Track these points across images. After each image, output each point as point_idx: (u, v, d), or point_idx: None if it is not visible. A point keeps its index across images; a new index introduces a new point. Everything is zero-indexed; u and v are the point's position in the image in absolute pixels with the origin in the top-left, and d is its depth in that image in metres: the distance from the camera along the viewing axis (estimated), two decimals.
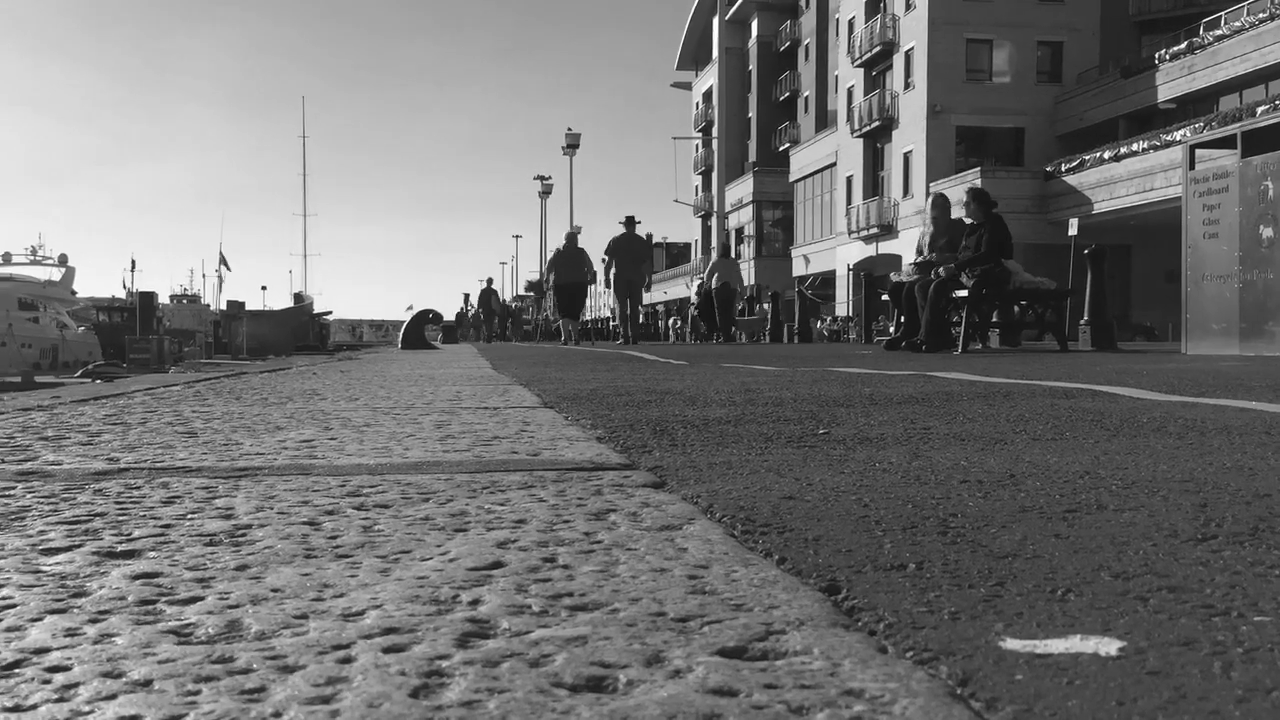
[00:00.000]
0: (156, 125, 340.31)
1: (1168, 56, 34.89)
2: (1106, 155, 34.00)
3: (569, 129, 48.98)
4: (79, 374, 23.96)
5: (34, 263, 44.14)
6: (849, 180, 48.56)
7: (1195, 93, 33.89)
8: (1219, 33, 32.85)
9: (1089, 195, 34.53)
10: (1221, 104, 33.07)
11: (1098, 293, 12.35)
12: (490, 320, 36.66)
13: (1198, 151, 10.20)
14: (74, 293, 44.38)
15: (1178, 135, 28.75)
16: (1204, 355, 9.05)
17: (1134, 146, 32.77)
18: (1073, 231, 19.36)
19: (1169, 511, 1.63)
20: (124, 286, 61.82)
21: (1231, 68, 32.09)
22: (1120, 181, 33.03)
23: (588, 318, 33.32)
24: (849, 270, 46.32)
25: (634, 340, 19.50)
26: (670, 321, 40.05)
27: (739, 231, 61.70)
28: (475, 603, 1.13)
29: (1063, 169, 36.32)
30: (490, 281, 37.12)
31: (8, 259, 43.43)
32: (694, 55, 74.72)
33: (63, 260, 44.42)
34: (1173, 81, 34.61)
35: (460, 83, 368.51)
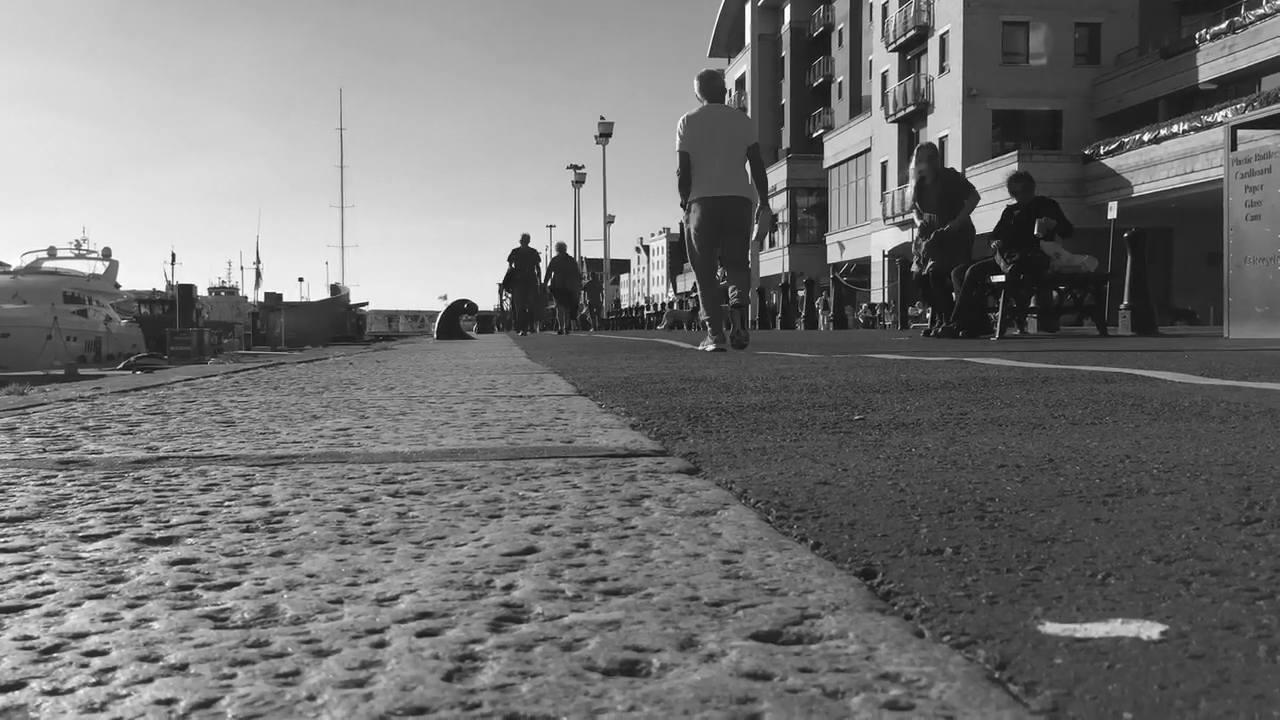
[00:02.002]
0: (194, 126, 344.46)
1: (1208, 36, 34.30)
2: (1146, 137, 33.52)
3: (601, 118, 48.84)
4: (121, 365, 24.26)
5: (78, 256, 44.60)
6: (884, 166, 48.22)
7: (1236, 73, 33.32)
8: (1260, 11, 32.26)
9: (1128, 178, 34.08)
10: (1264, 84, 32.51)
11: (1138, 276, 12.20)
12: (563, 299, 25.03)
13: (1240, 132, 10.04)
14: (118, 286, 44.86)
15: (1219, 116, 28.28)
16: (1247, 339, 8.92)
17: (1174, 128, 32.28)
18: (1112, 215, 19.10)
19: (1211, 495, 1.61)
20: (165, 278, 62.50)
21: (1274, 47, 31.51)
22: (1160, 164, 32.56)
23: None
24: (884, 256, 46.04)
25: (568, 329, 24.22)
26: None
27: (773, 219, 61.44)
28: (509, 588, 1.13)
29: (1101, 152, 35.85)
30: (563, 248, 25.32)
31: (53, 253, 43.88)
32: (726, 42, 74.38)
33: (106, 254, 44.84)
34: (1213, 62, 34.04)
35: (493, 75, 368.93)
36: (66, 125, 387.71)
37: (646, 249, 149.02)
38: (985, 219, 12.63)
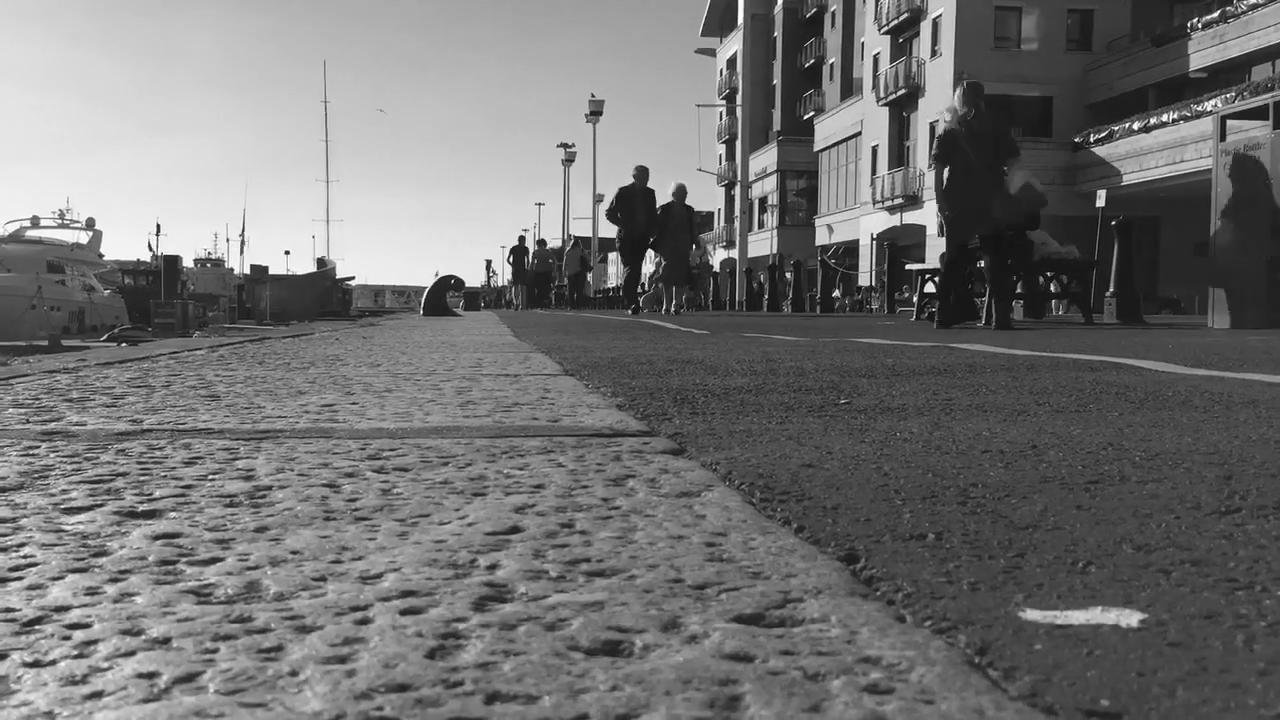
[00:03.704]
0: (180, 101, 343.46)
1: (1199, 25, 34.29)
2: (1136, 126, 33.55)
3: (592, 95, 48.73)
4: (105, 337, 24.14)
5: (62, 226, 44.28)
6: (874, 149, 48.15)
7: (1227, 62, 33.33)
8: (1252, 1, 32.26)
9: (1118, 166, 34.12)
10: (1254, 74, 32.56)
11: (1124, 265, 12.22)
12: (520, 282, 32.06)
13: (1229, 122, 10.05)
14: (101, 256, 44.57)
15: (1209, 105, 28.32)
16: (1231, 329, 8.96)
17: (1164, 117, 32.31)
18: (1100, 203, 19.14)
19: (1193, 484, 1.62)
20: (149, 249, 62.06)
21: (1264, 36, 31.51)
22: (1150, 153, 32.61)
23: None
24: (873, 240, 46.04)
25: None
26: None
27: (762, 201, 61.37)
28: (493, 567, 1.13)
29: (1091, 139, 35.88)
30: (522, 239, 32.70)
31: (36, 222, 43.54)
32: (719, 21, 74.04)
33: (90, 224, 44.56)
34: (1204, 51, 34.05)
35: (482, 50, 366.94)
36: (51, 101, 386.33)
37: None
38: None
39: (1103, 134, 35.40)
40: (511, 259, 32.62)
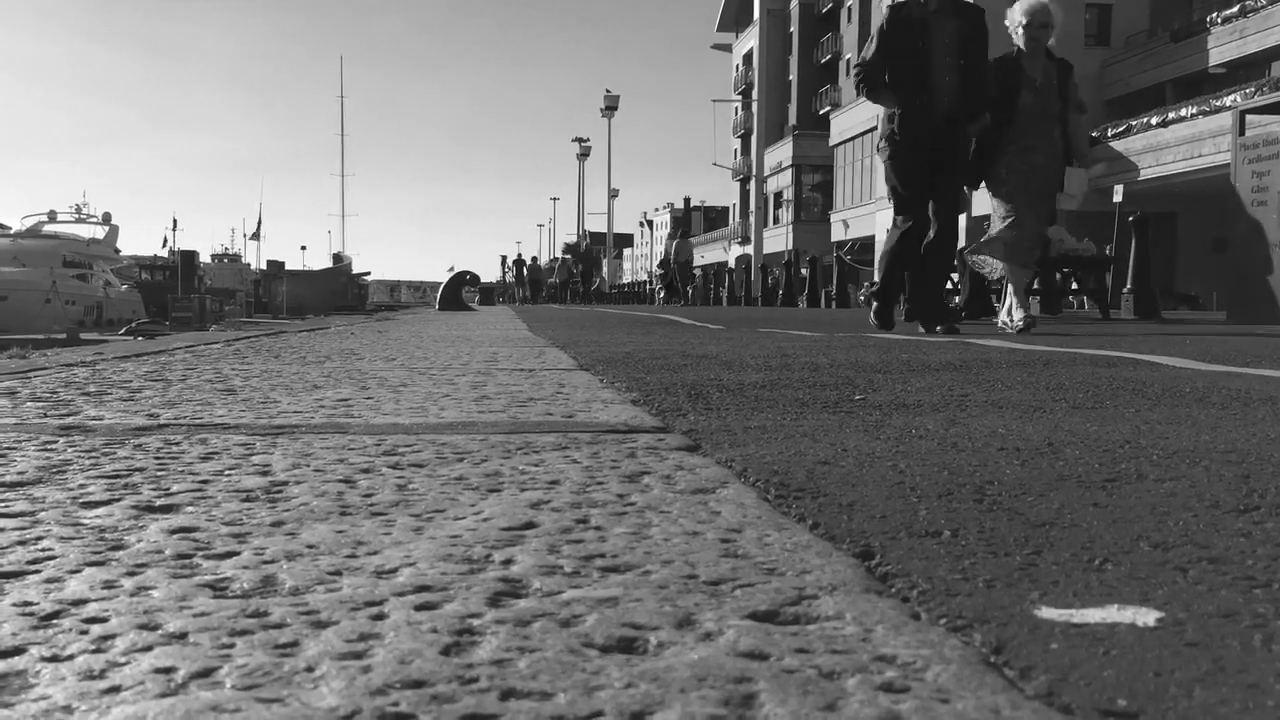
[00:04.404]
0: (196, 96, 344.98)
1: (1219, 20, 34.08)
2: (1154, 121, 33.34)
3: (608, 91, 48.65)
4: (122, 331, 24.25)
5: (78, 220, 44.55)
6: None
7: (1246, 57, 33.11)
8: None
9: (1135, 161, 33.89)
10: (1273, 69, 32.33)
11: (1141, 260, 12.15)
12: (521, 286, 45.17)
13: (1248, 117, 9.99)
14: (118, 251, 44.83)
15: (1228, 100, 28.13)
16: (1249, 325, 8.91)
17: (1182, 112, 32.11)
18: (1117, 198, 19.02)
19: (1210, 482, 1.61)
20: (165, 245, 62.34)
21: None
22: (1167, 148, 32.40)
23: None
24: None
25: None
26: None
27: (778, 196, 61.23)
28: (508, 562, 1.13)
29: (1109, 134, 35.70)
30: (520, 255, 47.96)
31: (53, 217, 43.80)
32: (735, 16, 73.91)
33: (106, 219, 44.85)
34: (1223, 46, 33.84)
35: (497, 45, 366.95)
36: (66, 96, 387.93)
37: (650, 223, 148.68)
38: None
39: (1120, 129, 35.20)
40: (514, 268, 45.95)
